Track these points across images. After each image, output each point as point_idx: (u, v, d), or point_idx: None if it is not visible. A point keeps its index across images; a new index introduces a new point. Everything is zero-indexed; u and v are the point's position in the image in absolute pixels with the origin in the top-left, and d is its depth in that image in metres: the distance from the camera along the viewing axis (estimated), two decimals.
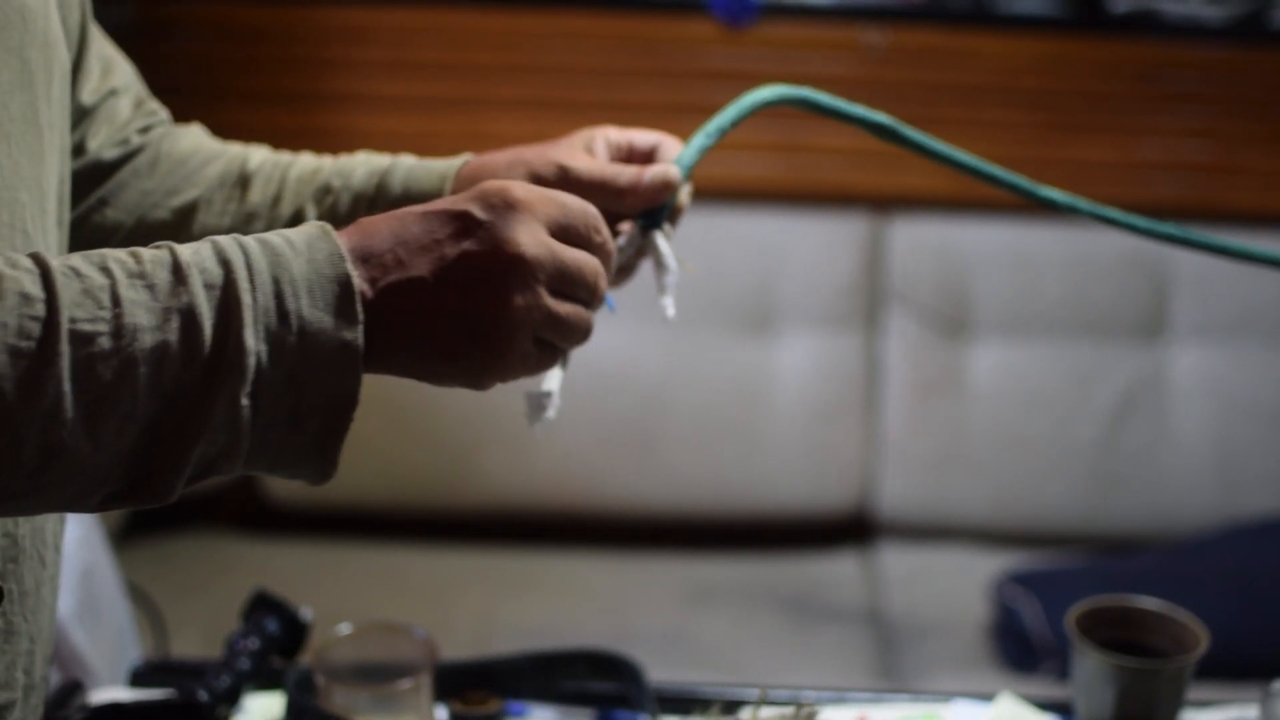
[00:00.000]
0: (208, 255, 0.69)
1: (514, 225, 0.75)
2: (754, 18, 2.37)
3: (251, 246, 0.70)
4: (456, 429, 2.40)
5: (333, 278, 0.70)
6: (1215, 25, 2.38)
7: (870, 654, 2.17)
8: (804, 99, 0.97)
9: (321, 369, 0.70)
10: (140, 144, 0.99)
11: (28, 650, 0.85)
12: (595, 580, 2.32)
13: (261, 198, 0.98)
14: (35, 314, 0.64)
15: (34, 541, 0.84)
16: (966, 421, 2.40)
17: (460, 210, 0.75)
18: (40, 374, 0.64)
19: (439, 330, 0.74)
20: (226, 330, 0.67)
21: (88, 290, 0.66)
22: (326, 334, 0.70)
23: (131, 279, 0.67)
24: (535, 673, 1.21)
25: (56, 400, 0.64)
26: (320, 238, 0.72)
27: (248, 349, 0.68)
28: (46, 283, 0.65)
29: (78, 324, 0.65)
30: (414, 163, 0.98)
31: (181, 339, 0.67)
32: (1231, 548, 2.26)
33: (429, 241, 0.74)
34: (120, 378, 0.65)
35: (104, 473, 0.67)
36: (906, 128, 0.99)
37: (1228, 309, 2.40)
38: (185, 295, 0.67)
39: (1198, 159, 2.44)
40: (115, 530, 2.24)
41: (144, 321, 0.66)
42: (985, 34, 2.40)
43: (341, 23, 2.40)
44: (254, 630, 1.19)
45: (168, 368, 0.66)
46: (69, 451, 0.65)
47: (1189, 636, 1.15)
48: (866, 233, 2.41)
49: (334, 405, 0.71)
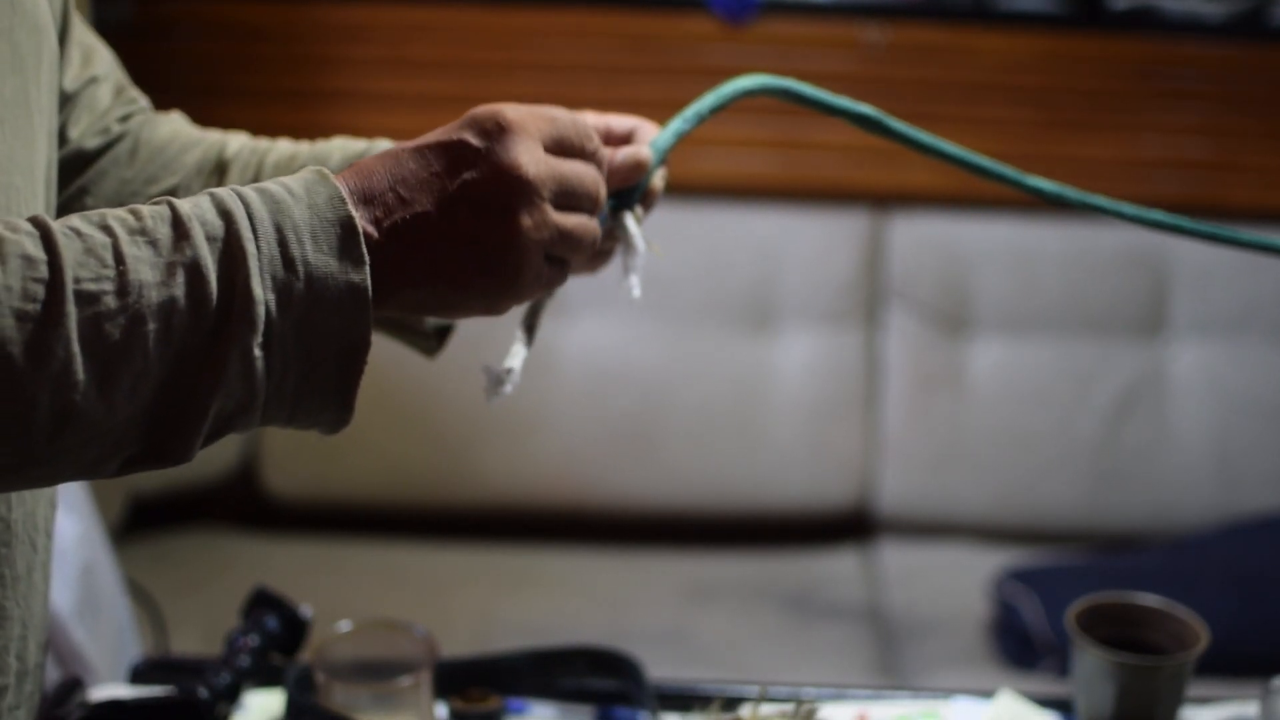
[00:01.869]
0: (207, 207, 0.69)
1: (512, 147, 0.75)
2: (754, 15, 2.37)
3: (250, 196, 0.70)
4: (456, 426, 2.40)
5: (335, 220, 0.70)
6: (1215, 22, 2.38)
7: (870, 651, 2.17)
8: (786, 89, 0.97)
9: (331, 313, 0.70)
10: (120, 132, 0.99)
11: (20, 635, 0.85)
12: (595, 577, 2.32)
13: (239, 184, 0.98)
14: (39, 276, 0.64)
15: (25, 526, 0.84)
16: (966, 418, 2.40)
17: (455, 140, 0.75)
18: (48, 336, 0.63)
19: (450, 262, 0.74)
20: (233, 281, 0.67)
21: (90, 249, 0.66)
22: (334, 278, 0.69)
23: (133, 235, 0.67)
24: (535, 670, 1.21)
25: (66, 362, 0.64)
26: (318, 182, 0.72)
27: (256, 299, 0.67)
28: (48, 244, 0.65)
29: (82, 284, 0.65)
30: (389, 145, 0.98)
31: (188, 293, 0.66)
32: (1231, 545, 2.26)
33: (427, 175, 0.74)
34: (129, 336, 0.65)
35: (121, 434, 0.67)
36: (891, 119, 0.98)
37: (1228, 305, 2.40)
38: (189, 249, 0.67)
39: (1197, 156, 2.44)
40: (115, 527, 2.24)
41: (149, 277, 0.66)
42: (985, 31, 2.40)
43: (341, 20, 2.40)
44: (254, 628, 1.19)
45: (176, 323, 0.66)
46: (83, 414, 0.65)
47: (1189, 634, 1.15)
48: (866, 229, 2.41)
49: (347, 348, 0.70)
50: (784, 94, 0.97)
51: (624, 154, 0.91)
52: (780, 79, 0.97)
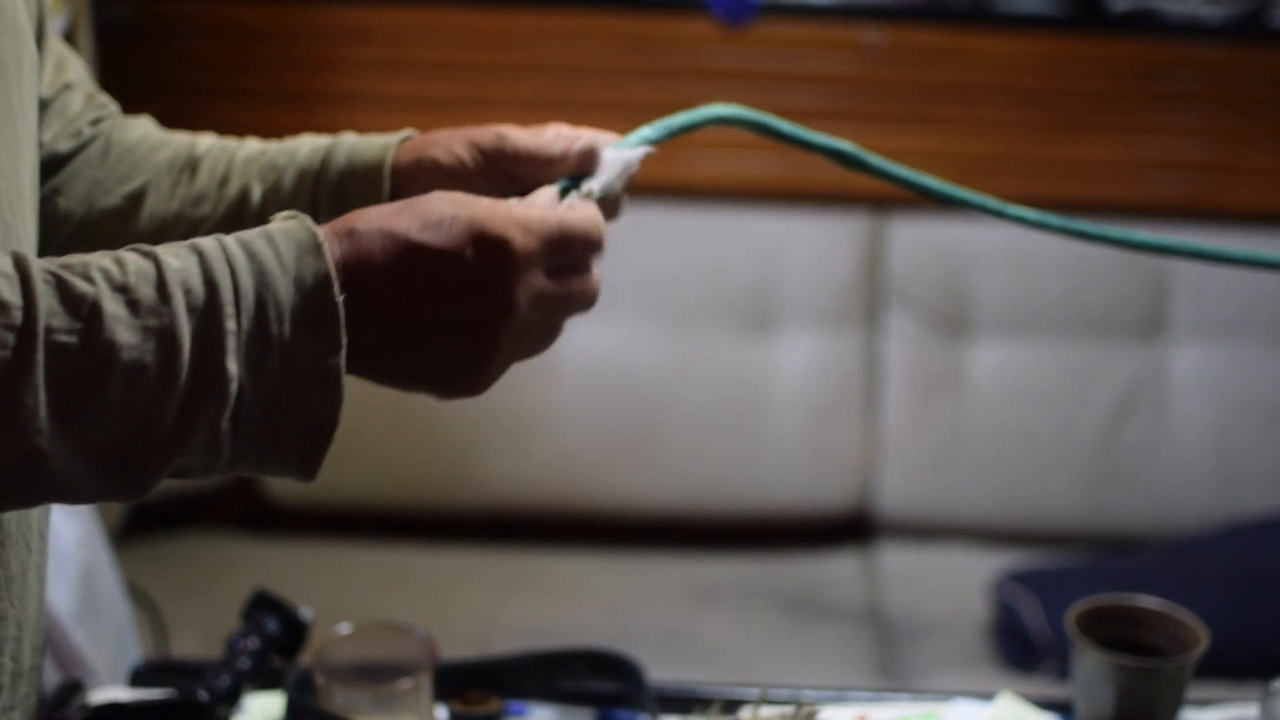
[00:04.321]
0: (194, 274, 0.69)
1: (511, 279, 0.75)
2: (753, 17, 2.37)
3: (239, 262, 0.69)
4: (456, 428, 2.40)
5: (318, 303, 0.70)
6: (1215, 24, 2.38)
7: (870, 653, 2.18)
8: (761, 123, 0.95)
9: (303, 391, 0.70)
10: (92, 135, 0.99)
11: (15, 637, 0.85)
12: (595, 579, 2.32)
13: (209, 180, 0.98)
14: (10, 322, 0.64)
15: (20, 528, 0.84)
16: (966, 420, 2.40)
17: (457, 253, 0.74)
18: (17, 384, 0.64)
19: (418, 366, 0.75)
20: (207, 357, 0.67)
21: (67, 300, 0.66)
22: (309, 359, 0.70)
23: (115, 292, 0.67)
24: (535, 672, 1.21)
25: (34, 410, 0.64)
26: (309, 253, 0.71)
27: (230, 376, 0.68)
28: (25, 290, 0.65)
29: (54, 334, 0.65)
30: (356, 139, 0.98)
31: (160, 360, 0.66)
32: (1231, 546, 2.26)
33: (424, 279, 0.73)
34: (96, 392, 0.65)
35: (81, 476, 0.67)
36: (868, 154, 0.97)
37: (1227, 308, 2.40)
38: (167, 316, 0.67)
39: (1197, 158, 2.44)
40: (115, 530, 2.24)
41: (123, 338, 0.66)
42: (985, 33, 2.40)
43: (340, 22, 2.40)
44: (254, 630, 1.19)
45: (143, 387, 0.66)
46: (48, 459, 0.65)
47: (1189, 635, 1.15)
48: (866, 231, 2.41)
49: (315, 426, 0.71)
50: (759, 128, 0.96)
51: (581, 143, 0.91)
52: (757, 113, 0.95)
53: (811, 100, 2.41)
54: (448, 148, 0.93)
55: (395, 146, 0.95)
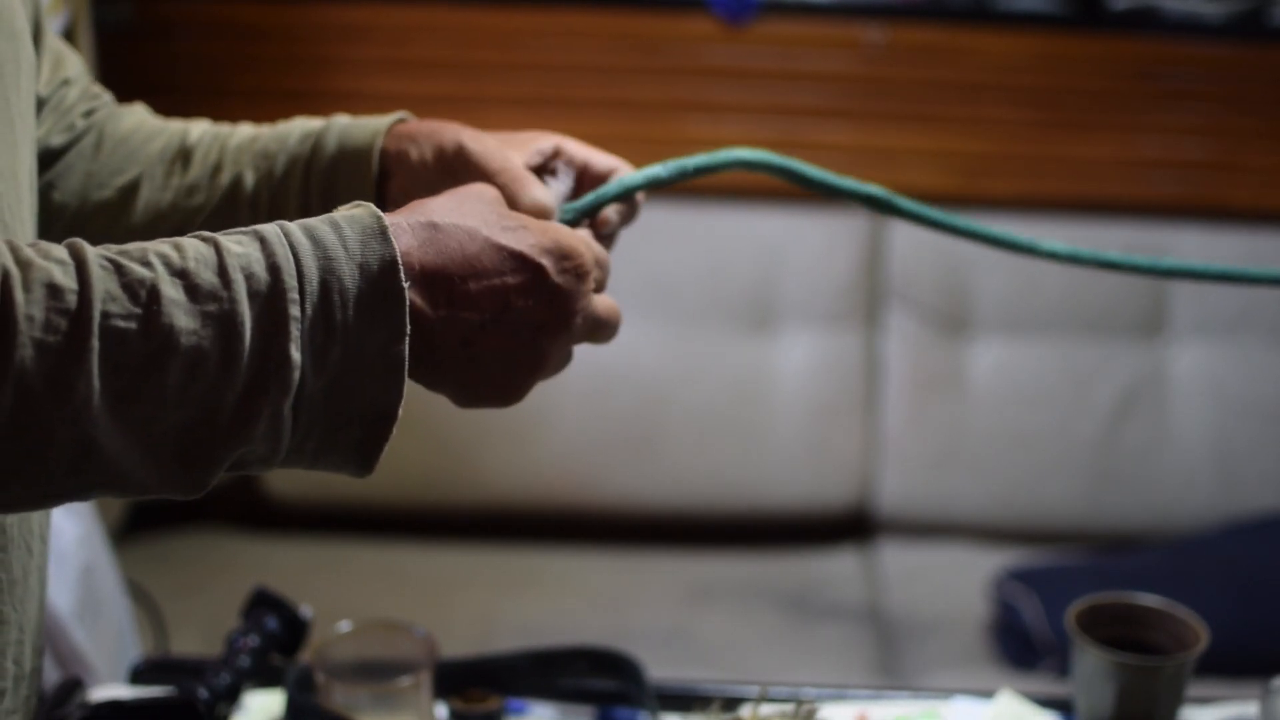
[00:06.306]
0: (256, 258, 0.67)
1: (579, 296, 0.78)
2: (754, 15, 2.37)
3: (303, 247, 0.68)
4: (457, 427, 2.40)
5: (385, 289, 0.69)
6: (1215, 22, 2.38)
7: (870, 651, 2.18)
8: (788, 169, 0.92)
9: (365, 379, 0.69)
10: (85, 127, 0.99)
11: (17, 640, 0.85)
12: (595, 578, 2.32)
13: (201, 170, 0.97)
14: (64, 306, 0.62)
15: (21, 530, 0.84)
16: (966, 419, 2.40)
17: (536, 262, 0.76)
18: (70, 369, 0.62)
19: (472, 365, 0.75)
20: (270, 343, 0.66)
21: (126, 284, 0.64)
22: (373, 346, 0.69)
23: (173, 276, 0.65)
24: (535, 670, 1.21)
25: (87, 397, 0.62)
26: (374, 237, 0.70)
27: (293, 363, 0.66)
28: (81, 275, 0.63)
29: (111, 319, 0.63)
30: (348, 121, 0.97)
31: (221, 346, 0.65)
32: (1231, 545, 2.26)
33: (498, 282, 0.74)
34: (154, 379, 0.64)
35: (137, 468, 0.66)
36: (899, 198, 0.94)
37: (1227, 307, 2.40)
38: (228, 302, 0.65)
39: (1197, 156, 2.44)
40: (115, 528, 2.24)
41: (181, 323, 0.64)
42: (985, 31, 2.40)
43: (340, 20, 2.40)
44: (254, 628, 1.19)
45: (204, 374, 0.65)
46: (102, 450, 0.64)
47: (1189, 634, 1.15)
48: (866, 231, 2.41)
49: (375, 415, 0.70)
50: (785, 174, 0.92)
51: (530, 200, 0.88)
52: (782, 158, 0.92)
53: (812, 99, 2.41)
54: (421, 146, 0.92)
55: (384, 132, 0.94)
